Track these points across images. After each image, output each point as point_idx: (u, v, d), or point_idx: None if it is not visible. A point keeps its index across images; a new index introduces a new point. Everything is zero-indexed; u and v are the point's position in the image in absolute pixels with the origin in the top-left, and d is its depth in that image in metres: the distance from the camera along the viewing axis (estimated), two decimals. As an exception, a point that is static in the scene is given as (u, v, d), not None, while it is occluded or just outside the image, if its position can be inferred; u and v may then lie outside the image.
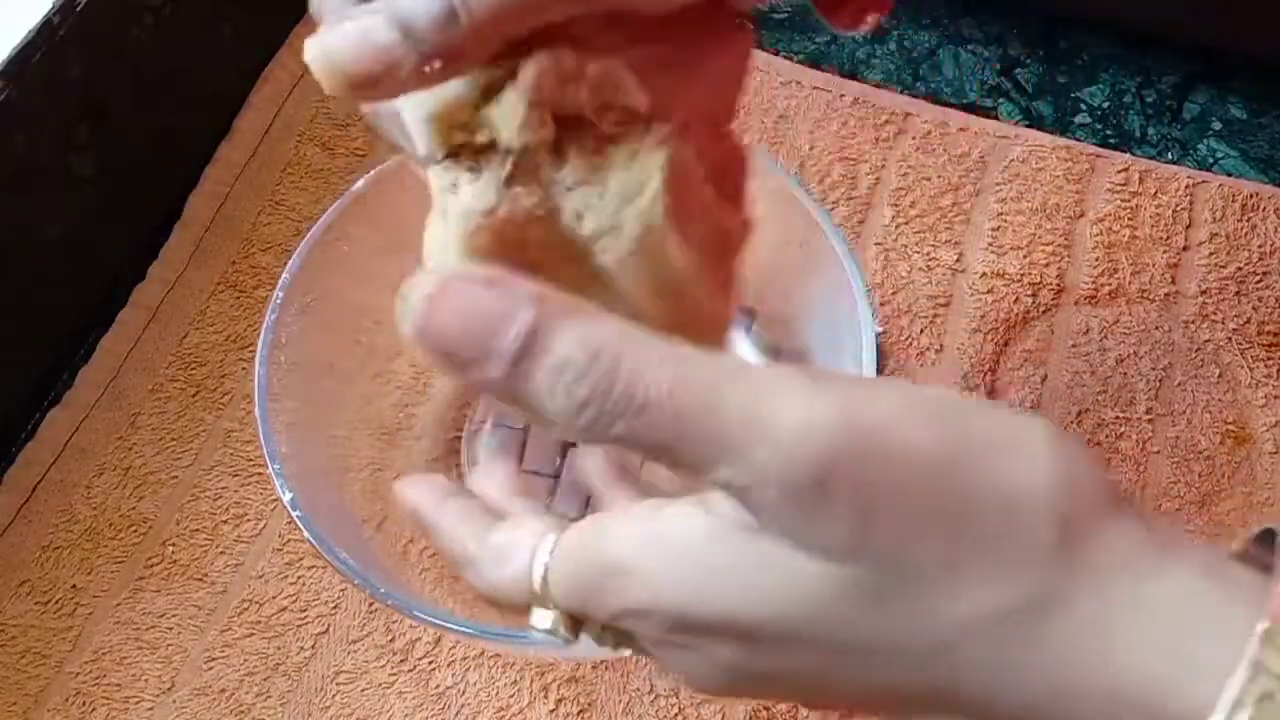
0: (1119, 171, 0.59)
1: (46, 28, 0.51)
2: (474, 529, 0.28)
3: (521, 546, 0.26)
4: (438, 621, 0.37)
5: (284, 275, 0.43)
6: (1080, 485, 0.23)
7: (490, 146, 0.27)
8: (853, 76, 0.63)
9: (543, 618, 0.26)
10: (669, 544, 0.24)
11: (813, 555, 0.23)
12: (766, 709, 0.47)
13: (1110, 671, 0.22)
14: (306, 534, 0.38)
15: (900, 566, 0.22)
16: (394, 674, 0.48)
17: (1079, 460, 0.23)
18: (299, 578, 0.50)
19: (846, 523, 0.22)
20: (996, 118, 0.62)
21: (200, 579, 0.50)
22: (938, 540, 0.22)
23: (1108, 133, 0.62)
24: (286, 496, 0.39)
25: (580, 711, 0.47)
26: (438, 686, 0.47)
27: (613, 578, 0.24)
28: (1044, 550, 0.22)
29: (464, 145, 0.27)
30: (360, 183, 0.49)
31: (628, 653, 0.27)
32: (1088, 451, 0.24)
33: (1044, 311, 0.56)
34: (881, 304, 0.56)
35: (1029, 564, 0.22)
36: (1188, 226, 0.58)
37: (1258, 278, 0.56)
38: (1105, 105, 0.63)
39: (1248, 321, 0.55)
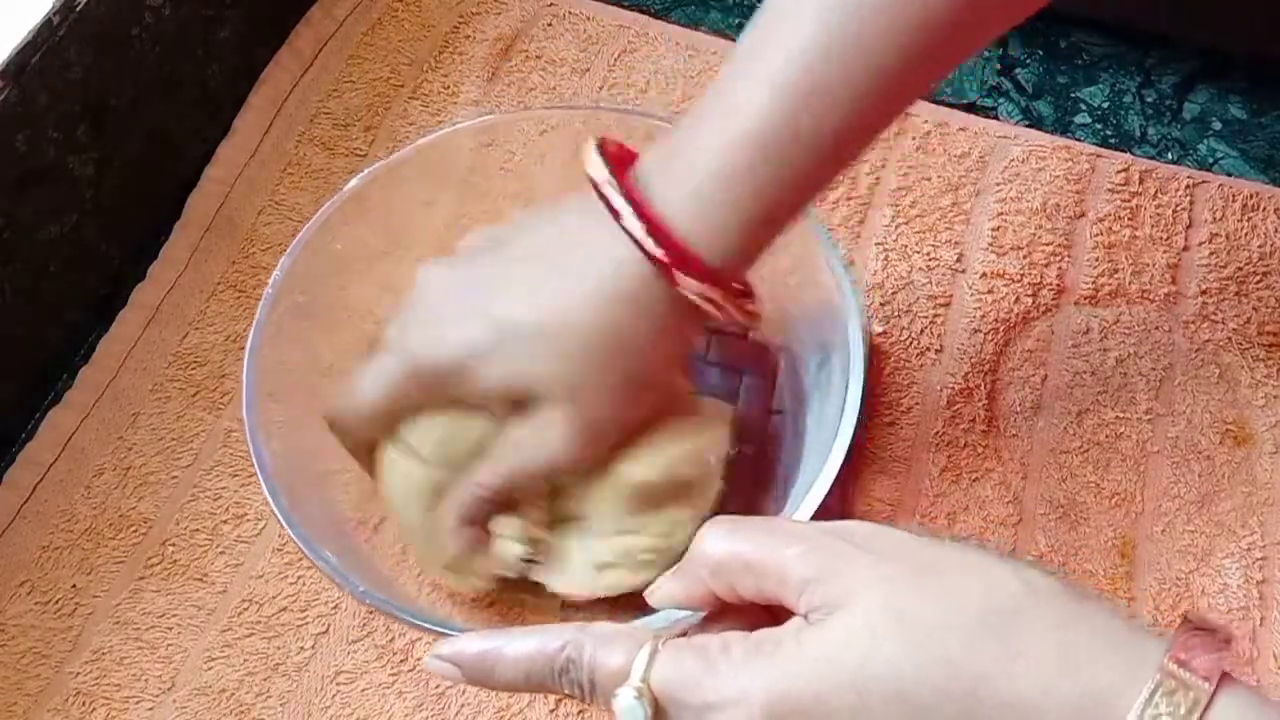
0: (1119, 171, 0.59)
1: (46, 28, 0.51)
2: (556, 629, 0.33)
3: (630, 637, 0.32)
4: (425, 624, 0.37)
5: (275, 274, 0.43)
6: None
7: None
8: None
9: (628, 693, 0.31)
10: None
11: None
12: None
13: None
14: (291, 534, 0.38)
15: None
16: (394, 674, 0.48)
17: None
18: (299, 578, 0.50)
19: None
20: (996, 118, 0.62)
21: (200, 579, 0.50)
22: None
23: (1108, 133, 0.62)
24: (272, 499, 0.39)
25: (580, 712, 0.47)
26: (438, 687, 0.47)
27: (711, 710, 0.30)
28: None
29: None
30: (355, 181, 0.49)
31: None
32: None
33: (1044, 311, 0.55)
34: (881, 304, 0.56)
35: None
36: (1188, 226, 0.58)
37: (1258, 278, 0.56)
38: (1105, 105, 0.63)
39: (1248, 321, 0.55)
